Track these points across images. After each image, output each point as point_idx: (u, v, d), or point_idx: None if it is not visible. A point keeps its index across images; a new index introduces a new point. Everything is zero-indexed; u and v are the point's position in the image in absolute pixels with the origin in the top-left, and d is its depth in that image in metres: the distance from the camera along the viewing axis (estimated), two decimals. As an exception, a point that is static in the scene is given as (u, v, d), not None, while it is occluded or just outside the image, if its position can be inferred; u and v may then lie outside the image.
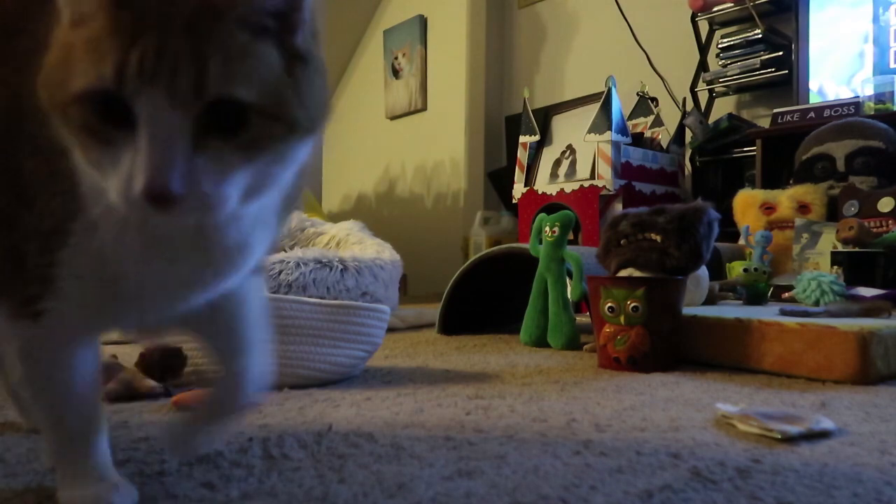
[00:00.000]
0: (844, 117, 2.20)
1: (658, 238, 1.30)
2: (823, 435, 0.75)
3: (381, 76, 4.27)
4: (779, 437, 0.73)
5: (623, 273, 1.33)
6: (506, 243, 1.96)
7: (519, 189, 2.80)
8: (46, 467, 0.63)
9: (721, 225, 1.34)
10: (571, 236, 2.05)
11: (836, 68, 2.46)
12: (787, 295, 1.70)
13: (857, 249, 1.74)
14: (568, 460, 0.66)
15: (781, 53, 2.55)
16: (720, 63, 2.69)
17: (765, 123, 2.54)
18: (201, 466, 0.64)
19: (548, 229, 1.56)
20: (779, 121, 2.40)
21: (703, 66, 2.81)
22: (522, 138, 2.83)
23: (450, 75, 3.82)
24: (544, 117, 2.88)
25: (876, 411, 0.87)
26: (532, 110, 2.82)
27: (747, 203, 2.23)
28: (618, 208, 2.40)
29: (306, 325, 1.03)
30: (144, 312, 0.50)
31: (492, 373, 1.20)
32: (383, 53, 4.25)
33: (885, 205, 1.90)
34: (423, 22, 3.99)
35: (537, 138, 2.81)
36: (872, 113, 2.23)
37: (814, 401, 0.93)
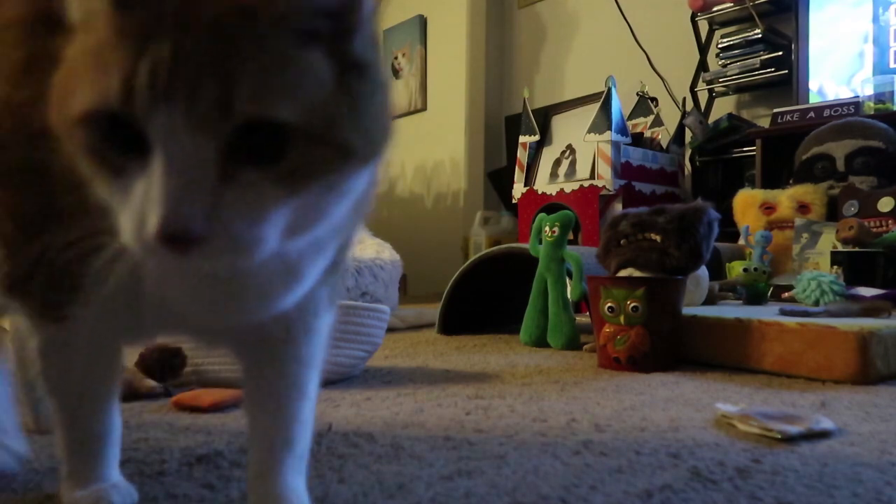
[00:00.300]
0: (844, 117, 2.20)
1: (658, 238, 1.30)
2: (823, 435, 0.75)
3: (380, 76, 4.28)
4: (779, 437, 0.73)
5: (623, 273, 1.33)
6: (506, 243, 1.96)
7: (519, 189, 2.80)
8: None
9: (721, 225, 1.34)
10: (571, 236, 2.05)
11: (836, 68, 2.46)
12: (786, 295, 1.70)
13: (856, 249, 1.74)
14: (568, 460, 0.66)
15: (781, 53, 2.55)
16: (720, 63, 2.69)
17: (765, 123, 2.54)
18: (201, 466, 0.64)
19: (548, 229, 1.56)
20: (779, 121, 2.40)
21: (702, 66, 2.81)
22: (522, 138, 2.83)
23: (450, 75, 3.81)
24: (544, 117, 2.88)
25: (876, 411, 0.87)
26: (532, 110, 2.82)
27: (747, 203, 2.23)
28: (618, 208, 2.40)
29: (306, 325, 1.03)
30: (173, 328, 0.47)
31: (492, 373, 1.20)
32: (383, 53, 4.25)
33: (884, 205, 1.90)
34: (422, 22, 3.99)
35: (537, 138, 2.81)
36: (872, 113, 2.23)
37: (814, 401, 0.93)
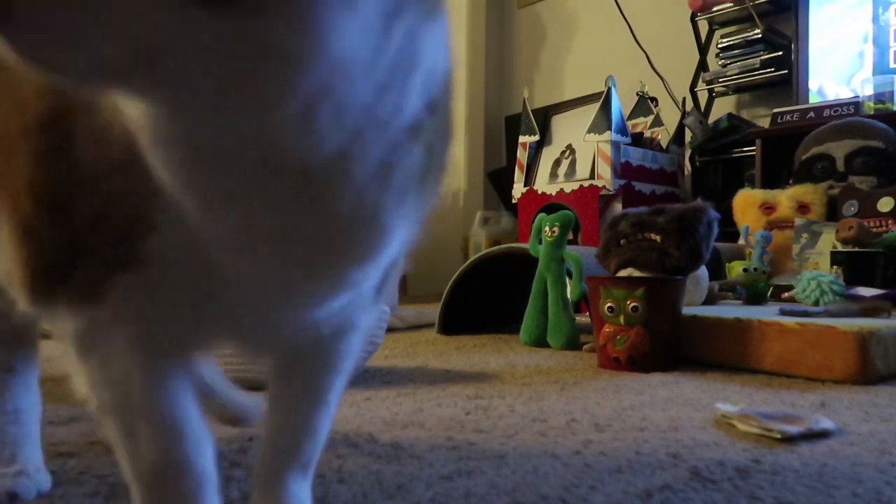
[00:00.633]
0: (844, 117, 2.20)
1: (658, 238, 1.30)
2: (823, 435, 0.75)
3: (380, 76, 4.27)
4: (778, 437, 0.73)
5: (623, 273, 1.33)
6: (505, 243, 1.96)
7: (518, 189, 2.80)
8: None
9: (721, 225, 1.34)
10: (571, 236, 2.05)
11: (836, 68, 2.46)
12: (786, 295, 1.70)
13: (856, 249, 1.74)
14: (568, 460, 0.66)
15: (781, 53, 2.55)
16: (720, 63, 2.69)
17: (764, 123, 2.54)
18: (201, 466, 0.64)
19: (547, 229, 1.56)
20: (778, 121, 2.40)
21: (702, 66, 2.81)
22: (522, 138, 2.83)
23: (450, 75, 3.82)
24: (544, 117, 2.88)
25: (875, 411, 0.87)
26: (532, 110, 2.82)
27: (747, 203, 2.23)
28: (617, 208, 2.40)
29: (306, 325, 1.03)
30: (241, 319, 0.39)
31: (492, 373, 1.20)
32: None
33: (884, 205, 1.90)
34: (422, 22, 3.99)
35: (537, 138, 2.81)
36: (872, 113, 2.23)
37: (813, 401, 0.93)
